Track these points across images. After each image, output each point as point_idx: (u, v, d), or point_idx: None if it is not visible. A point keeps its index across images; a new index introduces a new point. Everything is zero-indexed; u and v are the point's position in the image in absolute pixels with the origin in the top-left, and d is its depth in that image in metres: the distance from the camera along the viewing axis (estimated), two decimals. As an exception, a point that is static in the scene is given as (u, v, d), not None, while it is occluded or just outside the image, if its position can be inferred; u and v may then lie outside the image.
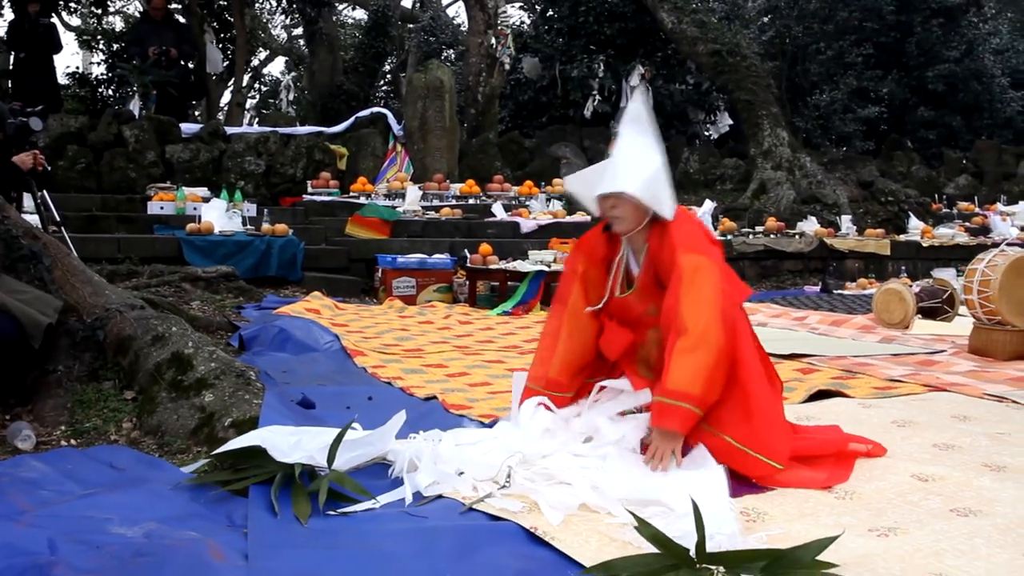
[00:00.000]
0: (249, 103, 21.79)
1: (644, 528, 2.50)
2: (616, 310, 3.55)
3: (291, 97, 21.85)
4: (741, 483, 3.20)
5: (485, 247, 9.45)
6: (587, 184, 3.61)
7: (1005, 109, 19.21)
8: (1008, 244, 6.40)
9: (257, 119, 19.59)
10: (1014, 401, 4.57)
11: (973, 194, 15.87)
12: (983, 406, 4.50)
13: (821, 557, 2.38)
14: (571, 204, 12.15)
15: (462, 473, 3.14)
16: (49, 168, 7.61)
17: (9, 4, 13.75)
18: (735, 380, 3.26)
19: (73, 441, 3.96)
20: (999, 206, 15.08)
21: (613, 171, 3.46)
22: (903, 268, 11.55)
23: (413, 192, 11.63)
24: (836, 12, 18.25)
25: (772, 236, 12.21)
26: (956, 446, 3.72)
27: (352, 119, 13.64)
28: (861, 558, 2.53)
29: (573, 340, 3.61)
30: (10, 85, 13.18)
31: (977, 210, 14.82)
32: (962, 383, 5.01)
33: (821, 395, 4.70)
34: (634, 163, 3.43)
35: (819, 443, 3.49)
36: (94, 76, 16.25)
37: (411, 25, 20.93)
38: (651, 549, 2.46)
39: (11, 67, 13.39)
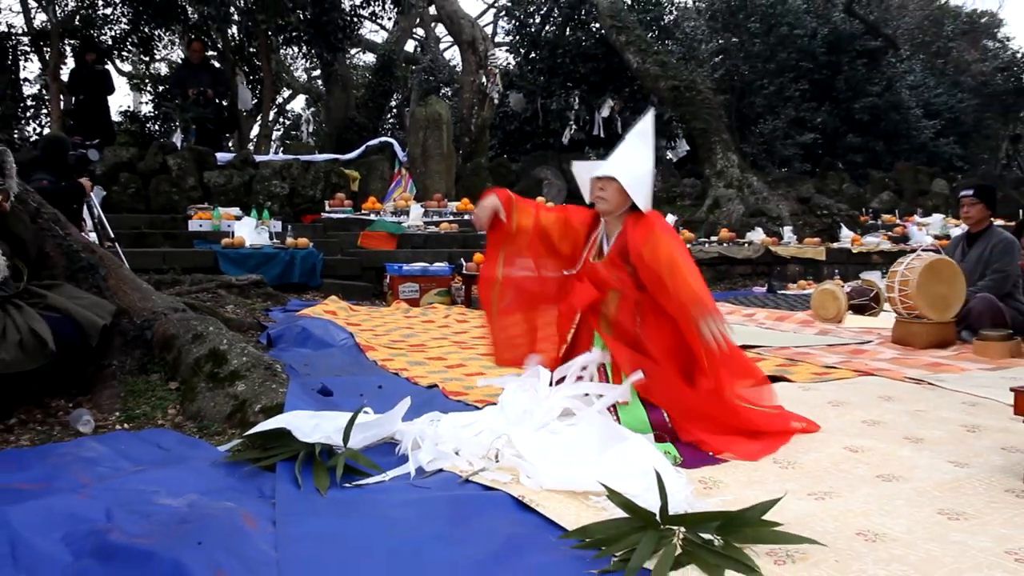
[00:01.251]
0: (275, 135, 21.68)
1: (614, 496, 2.51)
2: (587, 273, 3.72)
3: (311, 129, 21.80)
4: (699, 456, 3.22)
5: (479, 256, 9.43)
6: (587, 169, 3.80)
7: (920, 136, 19.27)
8: (923, 250, 6.40)
9: (282, 148, 19.49)
10: (930, 383, 4.59)
11: (894, 208, 15.91)
12: (904, 388, 4.52)
13: (767, 517, 2.39)
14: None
15: (459, 451, 3.14)
16: (104, 192, 7.61)
17: (72, 54, 13.73)
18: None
19: (126, 425, 3.96)
20: (916, 218, 15.11)
21: (610, 161, 3.68)
22: (836, 271, 11.56)
23: (416, 210, 11.63)
24: (777, 53, 18.30)
25: (725, 244, 12.23)
26: (881, 422, 3.74)
27: (363, 147, 13.61)
28: (802, 517, 2.54)
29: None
30: (72, 122, 13.14)
31: (898, 221, 14.85)
32: (887, 368, 5.03)
33: (768, 380, 4.71)
34: (628, 160, 3.65)
35: (765, 420, 3.52)
36: (143, 114, 16.16)
37: (413, 66, 20.89)
38: (621, 514, 2.47)
39: (72, 107, 13.35)
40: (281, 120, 24.08)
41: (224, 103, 13.77)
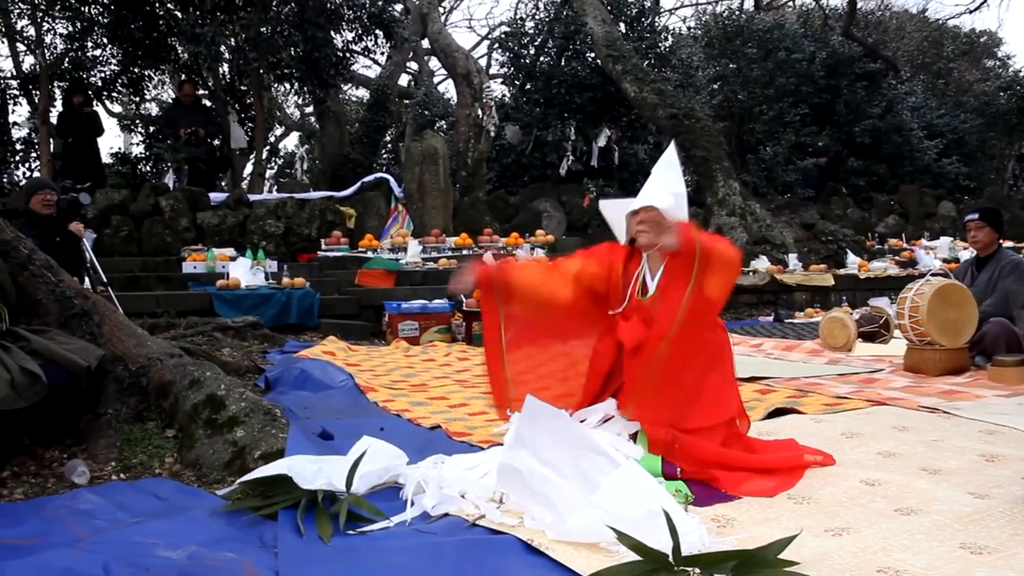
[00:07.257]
0: (268, 173, 21.72)
1: (625, 539, 2.48)
2: (635, 311, 3.60)
3: (304, 167, 21.88)
4: (711, 493, 3.19)
5: (479, 292, 9.42)
6: (618, 208, 3.77)
7: (923, 158, 19.32)
8: (932, 274, 6.40)
9: (276, 187, 19.55)
10: (945, 411, 4.57)
11: (900, 231, 15.96)
12: (919, 417, 4.50)
13: (784, 556, 2.37)
14: (553, 253, 12.15)
15: (464, 494, 3.12)
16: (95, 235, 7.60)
17: (60, 97, 13.79)
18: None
19: (122, 475, 3.93)
20: (923, 241, 15.15)
21: (646, 192, 3.63)
22: (844, 298, 11.57)
23: (414, 246, 11.64)
24: (775, 78, 18.40)
25: (729, 274, 12.19)
26: (897, 453, 3.72)
27: (358, 184, 13.64)
28: (820, 555, 2.52)
29: (546, 274, 3.84)
30: (60, 165, 13.17)
31: (905, 245, 14.89)
32: (900, 397, 5.01)
33: (778, 412, 4.69)
34: (664, 188, 3.62)
35: (779, 456, 3.51)
36: (134, 155, 16.19)
37: (407, 101, 20.99)
38: (633, 557, 2.45)
39: (61, 150, 13.38)
40: (274, 159, 24.22)
41: (216, 143, 13.83)
